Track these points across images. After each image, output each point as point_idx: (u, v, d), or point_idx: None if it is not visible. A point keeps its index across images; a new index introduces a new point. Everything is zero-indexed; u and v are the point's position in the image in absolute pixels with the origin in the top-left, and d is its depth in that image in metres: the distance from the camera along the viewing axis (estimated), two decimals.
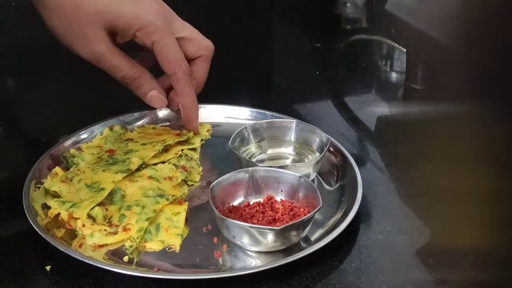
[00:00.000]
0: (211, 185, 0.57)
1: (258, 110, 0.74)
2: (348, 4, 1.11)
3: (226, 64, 0.71)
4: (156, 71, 0.68)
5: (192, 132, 0.70)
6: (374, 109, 0.82)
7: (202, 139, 0.71)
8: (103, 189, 0.59)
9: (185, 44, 0.67)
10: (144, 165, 0.64)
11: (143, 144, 0.67)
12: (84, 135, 0.69)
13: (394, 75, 0.93)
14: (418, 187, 0.65)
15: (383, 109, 0.84)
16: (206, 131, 0.72)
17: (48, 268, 0.53)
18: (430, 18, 0.93)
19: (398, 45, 0.95)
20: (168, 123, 0.73)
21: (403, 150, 0.72)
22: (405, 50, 0.93)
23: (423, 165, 0.69)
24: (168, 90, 0.69)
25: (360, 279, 0.52)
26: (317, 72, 0.93)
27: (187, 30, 0.68)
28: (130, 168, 0.62)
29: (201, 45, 0.69)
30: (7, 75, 0.89)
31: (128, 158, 0.63)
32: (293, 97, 0.84)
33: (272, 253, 0.54)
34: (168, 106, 0.70)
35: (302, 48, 1.02)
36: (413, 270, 0.54)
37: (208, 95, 0.71)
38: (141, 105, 0.70)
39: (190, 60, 0.68)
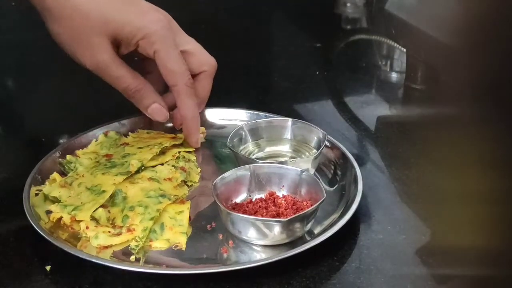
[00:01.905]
0: (214, 182, 0.57)
1: (253, 112, 0.74)
2: (348, 4, 1.11)
3: (225, 64, 0.71)
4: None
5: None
6: (374, 109, 0.82)
7: None
8: (104, 191, 0.59)
9: (188, 58, 0.67)
10: (142, 167, 0.64)
11: (140, 147, 0.67)
12: (80, 141, 0.68)
13: (394, 75, 0.93)
14: (418, 187, 0.65)
15: (383, 109, 0.84)
16: (201, 133, 0.72)
17: (48, 268, 0.53)
18: (430, 18, 0.93)
19: (398, 45, 0.95)
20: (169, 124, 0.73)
21: (403, 150, 0.72)
22: (405, 50, 0.94)
23: (423, 166, 0.69)
24: (172, 108, 0.69)
25: (360, 279, 0.52)
26: (317, 72, 0.93)
27: (190, 44, 0.68)
28: (129, 170, 0.62)
29: (204, 60, 0.68)
30: (7, 75, 0.89)
31: (126, 161, 0.63)
32: (293, 97, 0.84)
33: (277, 248, 0.54)
34: (172, 123, 0.70)
35: (302, 48, 1.02)
36: (413, 270, 0.54)
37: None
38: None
39: (192, 75, 0.67)
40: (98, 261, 0.52)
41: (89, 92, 0.81)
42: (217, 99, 0.72)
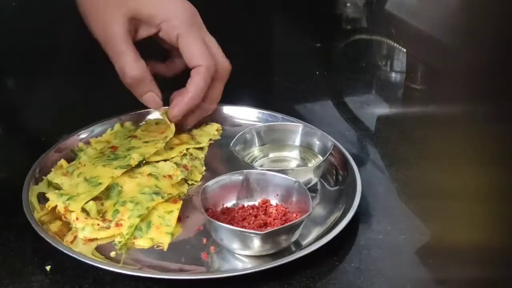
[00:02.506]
0: (204, 186, 0.57)
1: (270, 112, 0.73)
2: (348, 4, 1.11)
3: None
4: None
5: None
6: (374, 109, 0.82)
7: (210, 139, 0.71)
8: (100, 183, 0.59)
9: None
10: (145, 162, 0.63)
11: (145, 141, 0.67)
12: (86, 133, 0.69)
13: (394, 75, 0.93)
14: (418, 187, 0.65)
15: (383, 109, 0.84)
16: (216, 131, 0.72)
17: (48, 268, 0.53)
18: (430, 18, 0.93)
19: (398, 45, 0.95)
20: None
21: (403, 150, 0.72)
22: (405, 50, 0.93)
23: (423, 165, 0.69)
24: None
25: (360, 279, 0.52)
26: (317, 72, 0.93)
27: (210, 42, 0.67)
28: (130, 164, 0.62)
29: (218, 63, 0.67)
30: (7, 75, 0.89)
31: (129, 154, 0.64)
32: (293, 97, 0.84)
33: (262, 256, 0.54)
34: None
35: (302, 48, 1.02)
36: (413, 270, 0.54)
37: None
38: (141, 107, 0.69)
39: None
40: (79, 258, 0.52)
41: (89, 92, 0.81)
42: None
